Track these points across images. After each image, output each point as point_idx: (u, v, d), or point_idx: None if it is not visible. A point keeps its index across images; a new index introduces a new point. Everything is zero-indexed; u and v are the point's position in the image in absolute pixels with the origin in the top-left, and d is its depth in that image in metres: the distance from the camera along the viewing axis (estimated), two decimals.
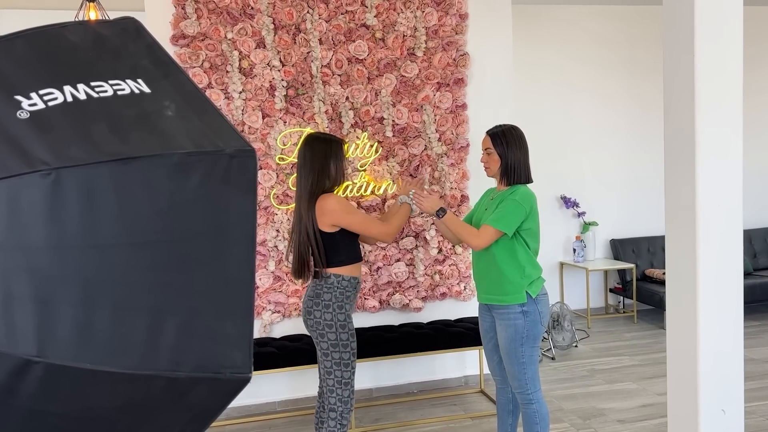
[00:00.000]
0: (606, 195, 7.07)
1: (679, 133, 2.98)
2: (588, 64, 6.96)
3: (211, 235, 1.12)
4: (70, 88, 1.07)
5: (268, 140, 4.45)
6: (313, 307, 3.15)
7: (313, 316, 3.16)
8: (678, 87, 2.97)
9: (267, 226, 4.48)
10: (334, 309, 3.14)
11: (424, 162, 4.72)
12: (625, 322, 6.75)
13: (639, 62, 7.06)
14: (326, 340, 3.15)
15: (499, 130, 3.20)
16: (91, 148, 1.01)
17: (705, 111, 2.89)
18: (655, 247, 7.01)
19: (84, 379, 1.01)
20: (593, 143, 7.02)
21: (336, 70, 4.54)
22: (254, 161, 1.16)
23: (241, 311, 1.16)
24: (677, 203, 3.02)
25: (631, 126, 7.10)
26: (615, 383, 4.97)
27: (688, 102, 2.91)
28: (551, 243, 6.84)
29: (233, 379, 1.13)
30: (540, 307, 3.12)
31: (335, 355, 3.15)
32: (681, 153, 2.97)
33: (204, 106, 1.20)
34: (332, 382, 3.17)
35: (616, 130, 7.07)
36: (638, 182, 7.12)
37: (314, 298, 3.16)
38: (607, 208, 7.08)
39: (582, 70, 6.94)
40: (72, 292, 0.99)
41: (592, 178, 7.03)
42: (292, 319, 4.61)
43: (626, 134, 7.10)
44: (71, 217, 0.99)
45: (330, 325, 3.14)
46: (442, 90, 4.73)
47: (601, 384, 4.96)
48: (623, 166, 7.10)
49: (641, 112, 7.08)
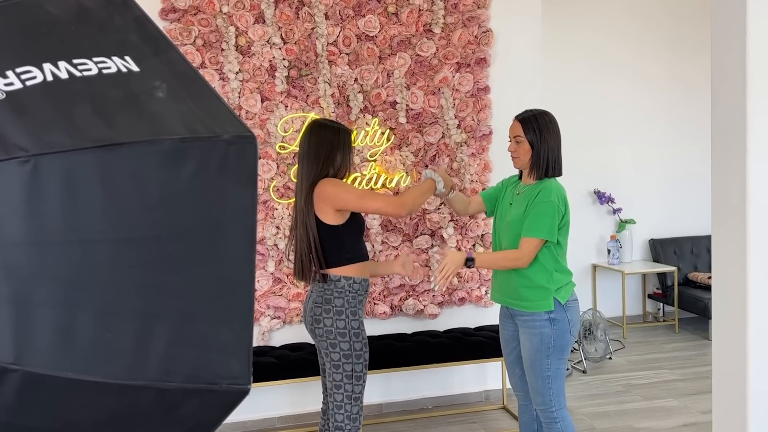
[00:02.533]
0: (645, 189, 7.04)
1: (728, 121, 2.96)
2: (626, 43, 6.92)
3: (206, 232, 1.12)
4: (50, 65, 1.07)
5: (267, 127, 4.46)
6: (323, 314, 3.14)
7: (323, 325, 3.14)
8: (727, 70, 2.95)
9: (266, 223, 4.49)
10: (348, 315, 3.14)
11: (442, 152, 4.71)
12: (666, 332, 6.72)
13: (683, 42, 7.01)
14: (338, 350, 3.14)
15: (531, 114, 3.17)
16: (74, 132, 1.01)
17: (757, 97, 2.87)
18: (700, 248, 6.98)
19: (65, 389, 1.01)
20: (631, 132, 6.99)
21: (344, 49, 4.54)
22: (254, 149, 1.16)
23: (239, 316, 1.16)
24: (725, 200, 3.00)
25: (674, 113, 7.07)
26: (653, 400, 4.95)
27: (739, 87, 2.89)
28: (583, 243, 6.81)
29: (230, 391, 1.13)
30: (569, 315, 3.11)
31: (347, 366, 3.14)
32: (730, 143, 2.95)
33: (199, 87, 1.20)
34: (341, 397, 3.17)
35: (656, 117, 7.04)
36: (681, 175, 7.09)
37: (323, 304, 3.15)
38: (645, 204, 7.05)
39: (619, 49, 6.90)
40: (52, 293, 0.99)
41: (629, 170, 7.00)
42: (293, 326, 4.62)
43: (668, 122, 7.07)
44: (51, 209, 0.99)
45: (343, 333, 3.13)
46: (462, 71, 4.72)
47: (637, 401, 4.95)
48: (664, 158, 7.07)
49: (685, 97, 7.04)
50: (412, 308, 4.74)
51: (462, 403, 4.92)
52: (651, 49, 6.98)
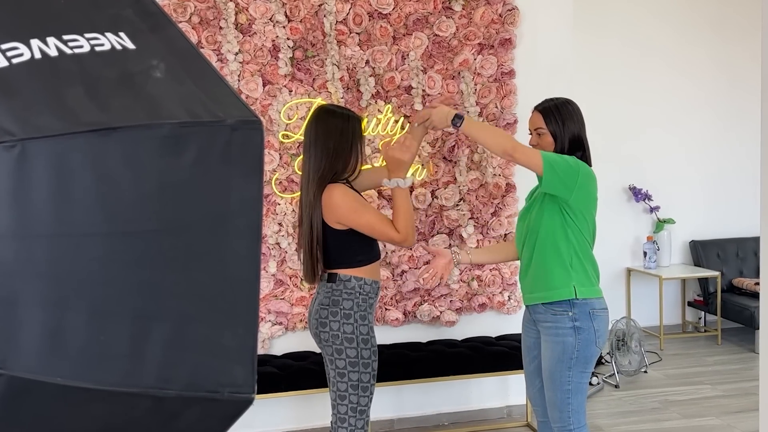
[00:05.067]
0: (685, 185, 7.02)
1: None
2: (666, 23, 6.90)
3: (207, 226, 1.12)
4: (38, 42, 1.08)
5: (269, 113, 4.47)
6: (329, 317, 3.15)
7: (328, 328, 3.15)
8: None
9: (268, 219, 4.50)
10: (356, 320, 3.15)
11: (461, 142, 4.71)
12: (707, 343, 6.71)
13: (730, 22, 6.99)
14: (344, 357, 3.15)
15: (552, 104, 3.19)
16: (65, 115, 1.02)
17: None
18: (746, 251, 6.96)
19: (54, 396, 1.02)
20: (670, 121, 6.96)
21: (354, 28, 4.54)
22: (260, 135, 1.16)
23: (243, 318, 1.17)
24: None
25: (719, 101, 7.04)
26: (693, 418, 4.94)
27: None
28: (616, 245, 6.80)
29: (233, 401, 1.14)
30: (596, 324, 3.10)
31: (353, 376, 3.15)
32: None
33: (200, 67, 1.20)
34: (345, 409, 3.18)
35: (699, 105, 7.01)
36: (726, 170, 7.07)
37: (330, 306, 3.16)
38: (686, 202, 7.03)
39: (658, 30, 6.88)
40: (40, 291, 1.00)
41: (669, 164, 6.98)
42: (297, 332, 4.63)
43: (712, 110, 7.04)
44: (40, 199, 0.99)
45: (350, 339, 3.14)
46: (485, 53, 4.72)
47: (676, 418, 4.94)
48: (707, 150, 7.04)
49: (731, 83, 7.02)
50: (428, 314, 4.74)
51: (481, 419, 4.91)
52: (694, 30, 6.96)
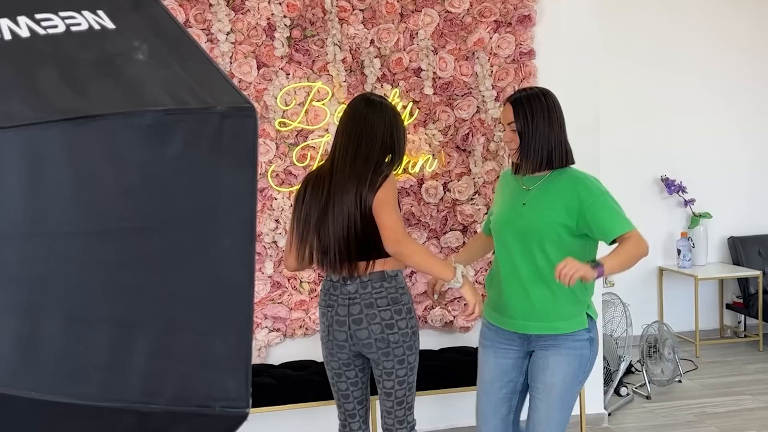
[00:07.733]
0: (723, 177, 7.00)
1: None
2: None
3: (196, 223, 1.12)
4: (7, 21, 1.08)
5: (264, 98, 4.47)
6: (394, 316, 3.25)
7: (396, 329, 3.26)
8: None
9: (263, 215, 4.50)
10: (413, 314, 3.34)
11: (476, 129, 4.70)
12: (747, 350, 6.70)
13: None
14: (414, 351, 3.34)
15: (524, 95, 3.15)
16: (38, 102, 1.02)
17: None
18: None
19: (27, 412, 1.02)
20: (707, 105, 6.93)
21: (357, 4, 4.54)
22: (254, 123, 1.16)
23: (236, 325, 1.17)
24: None
25: (763, 80, 7.02)
26: (733, 431, 4.94)
27: None
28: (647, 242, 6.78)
29: (225, 416, 1.14)
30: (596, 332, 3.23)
31: (410, 378, 3.39)
32: None
33: (187, 49, 1.21)
34: (402, 412, 3.42)
35: (740, 85, 6.98)
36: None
37: (392, 305, 3.26)
38: (724, 195, 7.00)
39: (696, 2, 6.85)
40: (12, 296, 1.00)
41: (705, 153, 6.95)
42: (296, 339, 4.63)
43: (755, 91, 7.02)
44: (11, 195, 1.00)
45: (416, 332, 3.35)
46: (502, 31, 4.71)
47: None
48: (749, 138, 7.02)
49: None
50: (440, 320, 4.74)
51: None
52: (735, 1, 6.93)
